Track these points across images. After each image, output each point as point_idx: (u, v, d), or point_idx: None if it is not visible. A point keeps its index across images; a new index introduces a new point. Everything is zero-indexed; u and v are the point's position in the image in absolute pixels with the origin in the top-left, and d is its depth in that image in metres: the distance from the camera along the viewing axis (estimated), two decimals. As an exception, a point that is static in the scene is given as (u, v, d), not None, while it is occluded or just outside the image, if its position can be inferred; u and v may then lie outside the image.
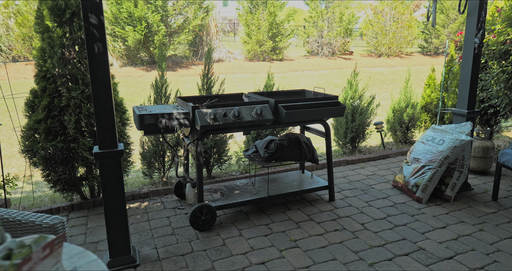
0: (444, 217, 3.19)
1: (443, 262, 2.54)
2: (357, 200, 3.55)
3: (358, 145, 5.02)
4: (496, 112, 4.78)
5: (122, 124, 3.40)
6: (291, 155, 3.35)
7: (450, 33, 18.50)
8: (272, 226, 3.08)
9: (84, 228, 3.10)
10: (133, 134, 3.85)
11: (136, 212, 3.37)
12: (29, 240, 1.14)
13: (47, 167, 3.22)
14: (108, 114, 2.29)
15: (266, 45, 15.61)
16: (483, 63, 4.46)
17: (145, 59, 14.25)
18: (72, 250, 1.38)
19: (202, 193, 3.02)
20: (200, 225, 2.99)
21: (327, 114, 3.23)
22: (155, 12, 13.38)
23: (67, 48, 3.06)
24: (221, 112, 2.86)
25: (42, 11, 3.03)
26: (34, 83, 3.13)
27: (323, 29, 17.30)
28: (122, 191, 2.43)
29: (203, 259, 2.61)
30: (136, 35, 13.04)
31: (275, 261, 2.58)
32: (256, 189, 3.46)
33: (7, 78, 9.84)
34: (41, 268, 1.01)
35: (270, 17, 15.52)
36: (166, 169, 4.00)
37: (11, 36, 12.14)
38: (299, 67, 14.99)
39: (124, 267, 2.51)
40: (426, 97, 5.38)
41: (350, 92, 4.80)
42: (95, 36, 2.17)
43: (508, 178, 4.10)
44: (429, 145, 3.64)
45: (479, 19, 3.33)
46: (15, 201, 3.65)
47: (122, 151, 2.37)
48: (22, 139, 3.17)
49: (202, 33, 15.12)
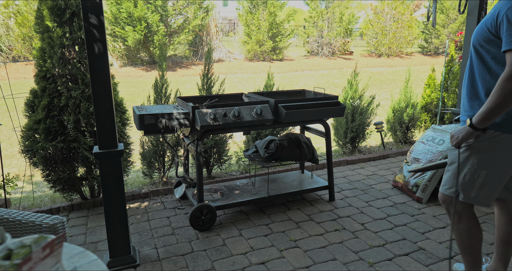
0: (444, 217, 3.19)
1: (443, 262, 2.54)
2: (357, 200, 3.55)
3: (358, 145, 5.02)
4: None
5: (122, 124, 3.40)
6: (291, 155, 3.35)
7: (450, 33, 18.50)
8: (272, 226, 3.07)
9: (84, 228, 3.10)
10: (133, 134, 3.85)
11: (136, 212, 3.37)
12: (29, 240, 1.14)
13: (47, 167, 3.22)
14: (108, 114, 2.29)
15: (266, 45, 15.62)
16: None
17: (145, 59, 14.25)
18: (72, 250, 1.38)
19: (202, 193, 3.02)
20: (200, 225, 2.99)
21: (327, 114, 3.23)
22: (155, 12, 13.39)
23: (67, 48, 3.06)
24: (221, 112, 2.86)
25: (42, 11, 3.03)
26: (34, 83, 3.13)
27: (323, 29, 17.30)
28: (122, 191, 2.43)
29: (203, 259, 2.61)
30: (136, 35, 13.04)
31: (275, 261, 2.58)
32: (256, 189, 3.46)
33: (7, 78, 9.84)
34: (41, 268, 1.01)
35: (270, 17, 15.52)
36: (166, 169, 4.00)
37: (11, 36, 12.15)
38: (299, 67, 14.99)
39: (124, 267, 2.51)
40: (426, 97, 5.38)
41: (350, 92, 4.80)
42: (95, 36, 2.17)
43: (508, 178, 4.09)
44: (429, 145, 3.64)
45: (479, 19, 3.33)
46: (15, 201, 3.65)
47: (122, 151, 2.37)
48: (22, 139, 3.17)
49: (202, 33, 15.13)
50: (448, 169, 2.01)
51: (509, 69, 1.63)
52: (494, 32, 1.75)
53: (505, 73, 1.64)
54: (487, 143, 1.83)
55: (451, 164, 1.98)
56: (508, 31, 1.66)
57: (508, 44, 1.66)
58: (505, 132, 1.79)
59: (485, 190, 1.91)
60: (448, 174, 2.00)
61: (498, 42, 1.76)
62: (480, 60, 1.86)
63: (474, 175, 1.88)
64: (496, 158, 1.84)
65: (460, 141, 1.84)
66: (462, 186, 1.93)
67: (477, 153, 1.86)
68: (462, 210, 2.00)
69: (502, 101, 1.64)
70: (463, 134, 1.82)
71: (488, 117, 1.71)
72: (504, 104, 1.65)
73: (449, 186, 1.99)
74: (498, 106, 1.66)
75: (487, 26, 1.79)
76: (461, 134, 1.83)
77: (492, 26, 1.75)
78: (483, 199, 1.94)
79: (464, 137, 1.82)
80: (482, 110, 1.72)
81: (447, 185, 2.00)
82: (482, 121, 1.73)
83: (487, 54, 1.82)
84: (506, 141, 1.80)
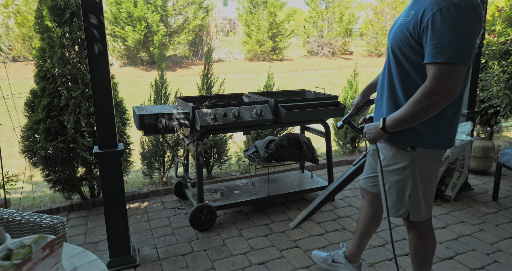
0: (444, 217, 3.19)
1: (443, 262, 2.54)
2: (357, 200, 3.55)
3: (358, 145, 5.01)
4: (496, 112, 4.78)
5: (122, 124, 3.40)
6: (291, 155, 3.35)
7: (450, 33, 18.48)
8: (272, 226, 3.07)
9: (84, 228, 3.10)
10: (133, 134, 3.85)
11: (136, 212, 3.37)
12: (29, 240, 1.14)
13: (47, 167, 3.22)
14: (108, 114, 2.29)
15: (266, 45, 15.61)
16: (483, 63, 4.46)
17: (145, 59, 14.25)
18: (72, 250, 1.38)
19: (202, 193, 3.01)
20: (200, 225, 2.99)
21: (327, 114, 3.23)
22: (155, 12, 13.39)
23: (67, 48, 3.06)
24: (221, 112, 2.86)
25: (41, 11, 3.03)
26: (34, 83, 3.13)
27: (323, 29, 17.30)
28: (122, 191, 2.43)
29: (203, 259, 2.61)
30: (136, 35, 13.04)
31: (275, 261, 2.57)
32: (256, 189, 3.46)
33: (7, 78, 9.84)
34: (41, 268, 1.01)
35: (270, 17, 15.52)
36: (166, 169, 4.00)
37: (11, 36, 12.15)
38: (299, 67, 14.99)
39: (124, 267, 2.51)
40: (426, 97, 5.37)
41: (350, 92, 4.80)
42: (95, 36, 2.17)
43: (508, 178, 4.10)
44: (429, 145, 3.63)
45: (479, 19, 3.32)
46: (15, 201, 3.65)
47: (122, 151, 2.37)
48: (22, 139, 3.17)
49: (202, 33, 15.12)
50: (390, 192, 1.83)
51: (430, 84, 1.46)
52: (416, 38, 1.52)
53: (426, 89, 1.47)
54: (419, 160, 1.72)
55: (391, 188, 1.81)
56: (432, 41, 1.44)
57: (430, 56, 1.45)
58: (433, 148, 1.70)
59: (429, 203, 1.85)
60: (390, 198, 1.83)
61: (420, 51, 1.53)
62: (399, 67, 1.64)
63: (418, 193, 1.77)
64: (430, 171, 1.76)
65: (372, 140, 1.75)
66: (410, 206, 1.80)
67: (413, 172, 1.74)
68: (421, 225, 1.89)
69: (417, 115, 1.52)
70: (374, 135, 1.72)
71: (401, 125, 1.59)
72: (419, 117, 1.53)
73: (397, 210, 1.84)
74: (413, 118, 1.53)
75: (408, 30, 1.54)
76: (372, 134, 1.73)
77: (414, 31, 1.51)
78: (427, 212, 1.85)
79: (375, 137, 1.72)
80: (396, 116, 1.58)
81: (394, 209, 1.84)
82: (394, 127, 1.61)
83: (406, 62, 1.60)
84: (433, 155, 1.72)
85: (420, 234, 1.90)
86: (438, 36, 1.42)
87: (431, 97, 1.46)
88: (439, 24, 1.42)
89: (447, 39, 1.41)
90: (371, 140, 1.76)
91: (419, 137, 1.67)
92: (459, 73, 1.44)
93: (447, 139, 1.70)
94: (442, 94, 1.45)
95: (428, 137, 1.66)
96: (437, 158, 1.74)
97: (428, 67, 1.48)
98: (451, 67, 1.43)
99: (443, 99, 1.46)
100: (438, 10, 1.42)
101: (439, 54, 1.43)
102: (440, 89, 1.45)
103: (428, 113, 1.51)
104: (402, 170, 1.75)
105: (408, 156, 1.72)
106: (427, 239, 1.91)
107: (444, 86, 1.44)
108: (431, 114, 1.52)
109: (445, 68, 1.43)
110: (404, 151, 1.72)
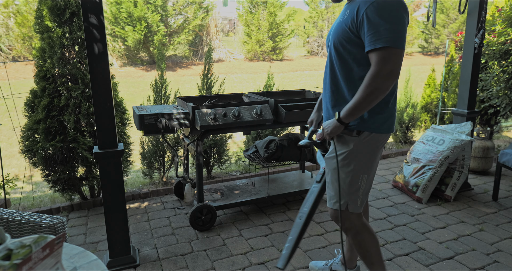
0: (444, 217, 3.19)
1: (443, 262, 2.54)
2: (357, 200, 3.55)
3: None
4: (496, 112, 4.78)
5: (122, 124, 3.40)
6: (291, 155, 3.35)
7: (450, 33, 18.50)
8: (272, 226, 3.07)
9: (84, 228, 3.10)
10: (133, 134, 3.85)
11: (136, 212, 3.37)
12: (29, 240, 1.14)
13: (47, 167, 3.22)
14: (108, 114, 2.29)
15: (266, 45, 15.61)
16: (483, 63, 4.46)
17: (145, 59, 14.25)
18: (72, 250, 1.38)
19: (202, 193, 3.02)
20: (200, 225, 2.99)
21: (327, 114, 3.23)
22: (155, 12, 13.38)
23: (67, 48, 3.06)
24: (221, 112, 2.86)
25: (41, 11, 3.03)
26: (34, 83, 3.13)
27: (323, 29, 17.30)
28: (122, 191, 2.43)
29: (203, 259, 2.61)
30: (136, 35, 13.04)
31: (275, 261, 2.57)
32: (256, 189, 3.46)
33: (7, 78, 9.84)
34: (41, 268, 1.01)
35: (270, 17, 15.51)
36: (166, 169, 4.00)
37: (11, 36, 12.14)
38: (299, 67, 14.99)
39: (124, 267, 2.51)
40: (426, 97, 5.37)
41: (350, 92, 4.79)
42: (95, 36, 2.17)
43: (508, 178, 4.10)
44: (429, 145, 3.63)
45: (479, 19, 3.33)
46: (15, 201, 3.65)
47: (122, 151, 2.37)
48: (22, 139, 3.17)
49: (202, 33, 15.12)
50: (330, 181, 1.90)
51: (375, 68, 1.61)
52: (355, 31, 1.69)
53: (372, 73, 1.62)
54: (363, 146, 1.80)
55: (332, 175, 1.88)
56: (369, 31, 1.62)
57: (370, 44, 1.62)
58: (376, 132, 1.80)
59: (366, 195, 1.89)
60: (331, 187, 1.89)
61: (359, 43, 1.70)
62: (342, 61, 1.79)
63: (358, 182, 1.83)
64: (371, 159, 1.84)
65: (330, 134, 1.81)
66: (349, 196, 1.85)
67: (356, 158, 1.81)
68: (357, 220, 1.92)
69: (368, 99, 1.65)
70: (332, 128, 1.79)
71: (354, 113, 1.70)
72: (370, 101, 1.65)
73: (337, 200, 1.88)
74: (365, 102, 1.66)
75: (347, 26, 1.71)
76: (330, 128, 1.80)
77: (352, 26, 1.69)
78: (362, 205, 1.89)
79: (333, 131, 1.79)
80: (349, 106, 1.71)
81: (334, 199, 1.89)
82: (348, 117, 1.72)
83: (348, 56, 1.76)
84: (376, 141, 1.82)
85: (358, 231, 1.94)
86: (374, 26, 1.61)
87: (377, 79, 1.62)
88: (373, 16, 1.61)
89: (382, 27, 1.60)
90: (329, 134, 1.83)
91: (365, 122, 1.79)
92: (398, 56, 1.61)
93: (389, 124, 1.85)
94: (386, 76, 1.61)
95: (373, 121, 1.79)
96: (378, 143, 1.84)
97: (371, 55, 1.65)
98: (390, 51, 1.60)
99: (388, 80, 1.62)
100: (370, 4, 1.62)
101: (378, 41, 1.60)
102: (384, 71, 1.61)
103: (377, 97, 1.65)
104: (346, 155, 1.83)
105: (352, 141, 1.81)
106: (365, 234, 1.96)
107: (387, 68, 1.61)
108: (380, 97, 1.65)
109: (385, 52, 1.60)
110: (349, 136, 1.82)
